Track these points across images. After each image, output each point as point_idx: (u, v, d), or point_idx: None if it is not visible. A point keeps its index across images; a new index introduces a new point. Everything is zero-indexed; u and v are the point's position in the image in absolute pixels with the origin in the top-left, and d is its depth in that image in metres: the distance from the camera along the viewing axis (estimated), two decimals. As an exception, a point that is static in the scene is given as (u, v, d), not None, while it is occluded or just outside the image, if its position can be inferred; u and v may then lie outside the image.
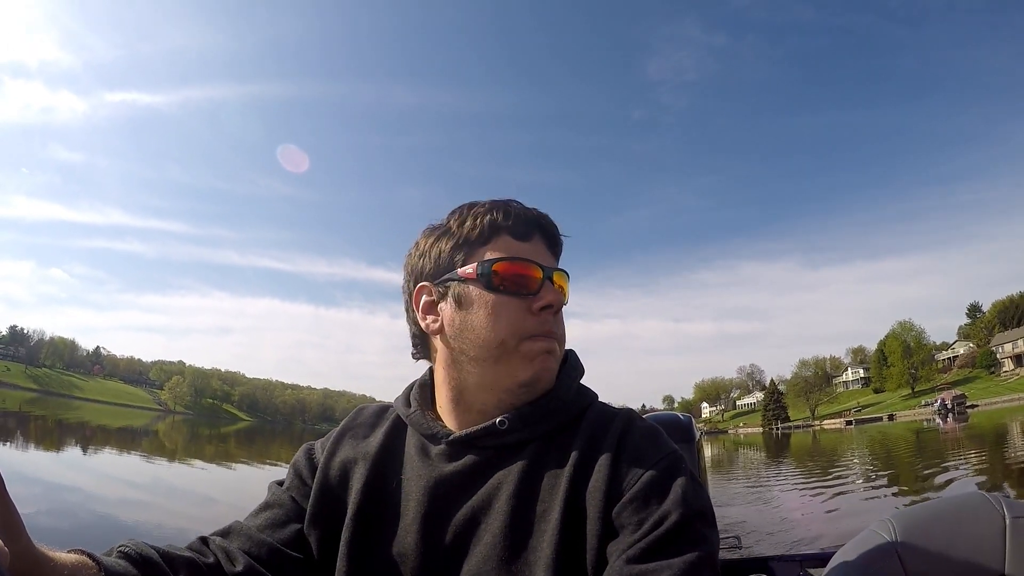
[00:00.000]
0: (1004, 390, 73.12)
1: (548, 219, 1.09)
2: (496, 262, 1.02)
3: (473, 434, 1.01)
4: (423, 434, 1.07)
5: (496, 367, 1.01)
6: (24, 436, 31.58)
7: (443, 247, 1.08)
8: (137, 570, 0.86)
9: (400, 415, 1.12)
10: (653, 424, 1.02)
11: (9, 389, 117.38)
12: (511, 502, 0.93)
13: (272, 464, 25.68)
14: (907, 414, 77.91)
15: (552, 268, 1.05)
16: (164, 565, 0.90)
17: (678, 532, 0.84)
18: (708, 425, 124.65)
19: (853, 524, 9.76)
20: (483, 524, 0.94)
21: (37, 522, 9.36)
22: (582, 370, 1.12)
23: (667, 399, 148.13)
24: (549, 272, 1.03)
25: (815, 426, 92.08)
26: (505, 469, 0.97)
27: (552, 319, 1.02)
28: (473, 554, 0.92)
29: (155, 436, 48.46)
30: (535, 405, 1.02)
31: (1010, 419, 41.64)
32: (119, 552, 0.88)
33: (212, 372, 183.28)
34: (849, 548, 1.05)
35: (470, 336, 1.02)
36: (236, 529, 1.05)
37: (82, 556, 0.82)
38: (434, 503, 0.98)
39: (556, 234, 1.10)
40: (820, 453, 34.19)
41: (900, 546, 0.98)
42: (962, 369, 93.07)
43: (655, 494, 0.88)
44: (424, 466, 1.03)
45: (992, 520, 0.96)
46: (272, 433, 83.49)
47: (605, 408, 1.06)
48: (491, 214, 1.06)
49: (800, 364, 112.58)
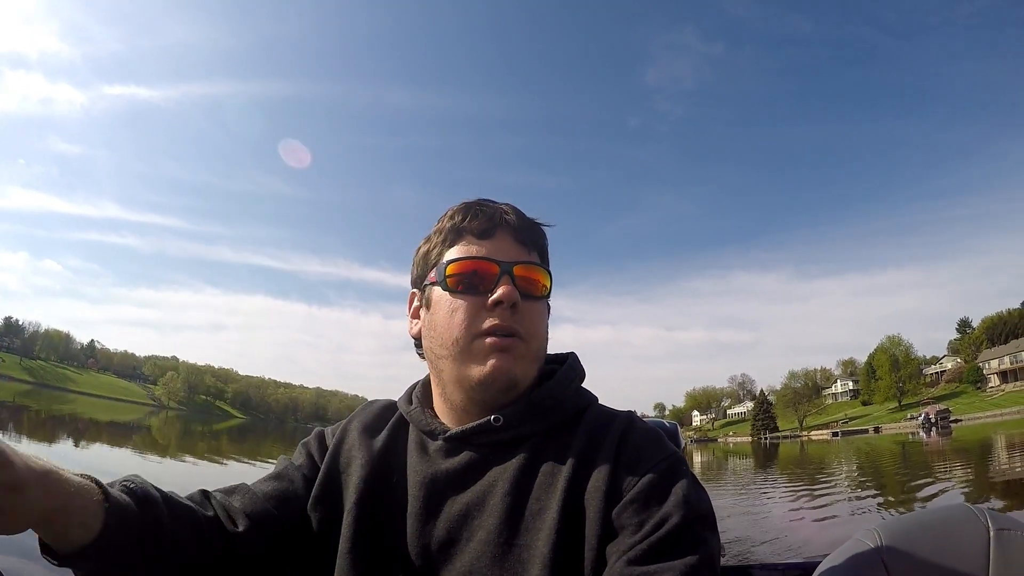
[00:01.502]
0: (988, 406, 73.93)
1: (513, 214, 1.09)
2: (450, 263, 1.04)
3: (469, 431, 1.01)
4: (422, 431, 1.08)
5: (457, 365, 1.02)
6: (16, 428, 31.66)
7: (422, 254, 1.12)
8: (138, 508, 0.84)
9: (402, 412, 1.14)
10: (654, 427, 1.03)
11: (4, 380, 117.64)
12: (506, 498, 0.93)
13: (263, 461, 25.60)
14: (892, 427, 78.73)
15: (512, 262, 1.04)
16: (164, 508, 0.89)
17: (679, 534, 0.83)
18: (698, 433, 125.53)
19: (838, 532, 10.11)
20: (477, 519, 0.94)
21: None
22: (582, 372, 1.13)
23: (658, 407, 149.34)
24: (507, 267, 1.03)
25: (802, 437, 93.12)
26: (501, 466, 0.98)
27: (509, 314, 1.01)
28: (467, 549, 0.92)
29: (148, 431, 48.77)
30: (530, 402, 1.02)
31: (991, 434, 42.61)
32: (122, 486, 0.86)
33: (206, 369, 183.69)
34: (835, 557, 1.06)
35: (435, 336, 1.05)
36: (242, 491, 1.05)
37: (88, 480, 0.81)
38: (430, 498, 0.98)
39: (523, 226, 1.09)
40: (806, 462, 35.00)
41: (886, 555, 0.98)
42: (949, 384, 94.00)
43: (656, 496, 0.87)
44: (422, 462, 1.04)
45: (976, 531, 0.97)
46: (264, 431, 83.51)
47: (605, 410, 1.06)
48: (454, 217, 1.08)
49: (790, 376, 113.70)
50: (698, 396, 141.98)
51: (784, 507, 14.95)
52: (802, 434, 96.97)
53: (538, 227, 1.12)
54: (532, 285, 1.05)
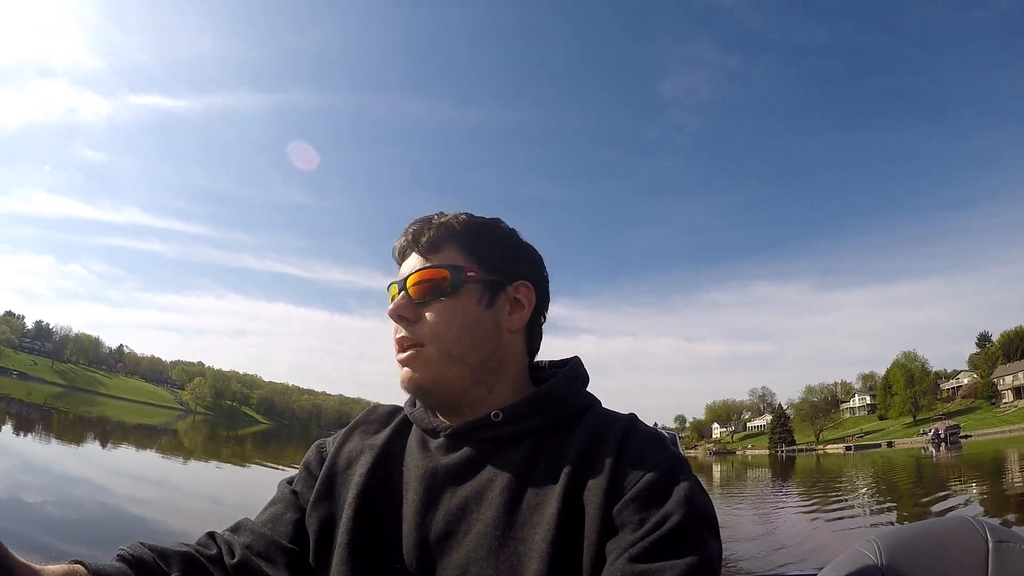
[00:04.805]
0: (1000, 422, 73.66)
1: (417, 228, 1.09)
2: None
3: (469, 427, 1.03)
4: (424, 429, 1.10)
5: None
6: (46, 429, 32.83)
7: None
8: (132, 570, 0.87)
9: (406, 413, 1.16)
10: (655, 429, 1.04)
11: (37, 383, 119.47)
12: (504, 493, 0.94)
13: (285, 467, 26.13)
14: (905, 442, 78.76)
15: (406, 277, 1.07)
16: (158, 563, 0.91)
17: (680, 534, 0.83)
18: (717, 446, 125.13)
19: (839, 542, 10.61)
20: (475, 513, 0.94)
21: (44, 512, 10.49)
22: (585, 376, 1.14)
23: (679, 418, 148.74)
24: (403, 283, 1.07)
25: (818, 450, 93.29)
26: (501, 461, 0.99)
27: (404, 327, 1.06)
28: (464, 542, 0.92)
29: (175, 435, 50.62)
30: (530, 398, 1.04)
31: (1000, 450, 43.22)
32: (116, 556, 0.90)
33: (231, 374, 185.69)
34: (834, 567, 1.05)
35: None
36: (243, 525, 1.09)
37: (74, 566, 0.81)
38: (430, 493, 0.99)
39: (424, 236, 1.08)
40: (818, 473, 36.54)
41: (885, 566, 0.97)
42: (965, 399, 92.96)
43: (657, 495, 0.88)
44: (423, 458, 1.05)
45: (975, 543, 0.97)
46: (288, 437, 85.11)
47: (607, 412, 1.07)
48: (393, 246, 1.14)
49: (807, 390, 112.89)
50: (718, 409, 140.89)
51: (788, 516, 15.61)
52: (818, 447, 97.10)
53: (442, 226, 1.09)
54: (428, 290, 1.06)
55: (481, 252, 1.10)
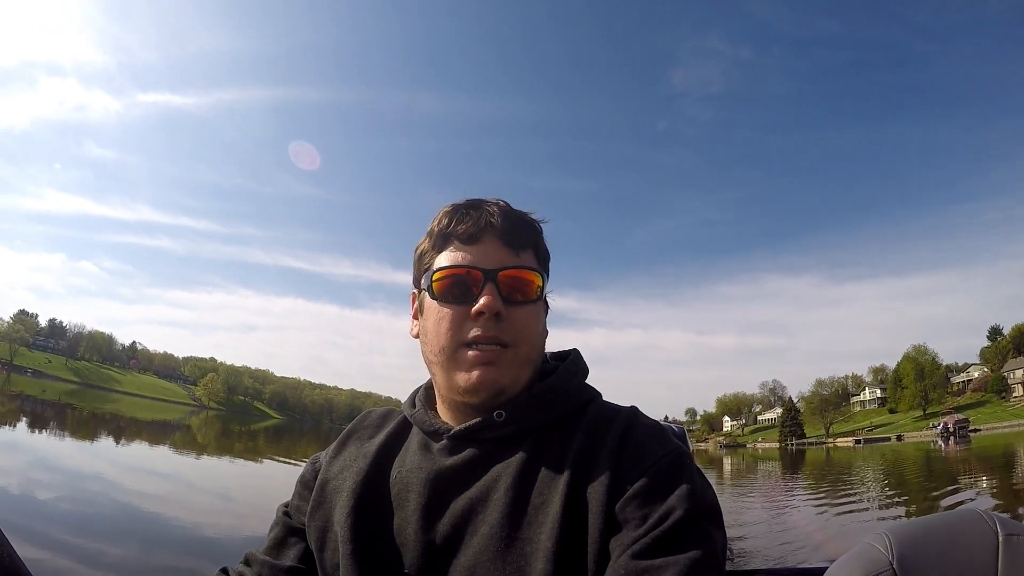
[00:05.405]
0: (1010, 415, 73.22)
1: (500, 214, 1.06)
2: (436, 271, 1.04)
3: (471, 428, 1.01)
4: (425, 431, 1.08)
5: (446, 373, 1.03)
6: (60, 426, 33.02)
7: (418, 254, 1.11)
8: None
9: (406, 415, 1.15)
10: (658, 422, 1.04)
11: (51, 380, 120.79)
12: (509, 493, 0.93)
13: (297, 461, 26.30)
14: (914, 435, 78.70)
15: (497, 268, 1.02)
16: None
17: (684, 529, 0.83)
18: (728, 439, 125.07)
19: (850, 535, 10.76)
20: (481, 515, 0.93)
21: (58, 508, 10.51)
22: (585, 368, 1.13)
23: (689, 411, 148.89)
24: (492, 274, 1.01)
25: (828, 443, 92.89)
26: (504, 461, 0.97)
27: (492, 324, 1.00)
28: (470, 544, 0.91)
29: (189, 430, 51.21)
30: (531, 396, 1.02)
31: (1010, 444, 43.29)
32: None
33: (243, 370, 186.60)
34: (844, 561, 1.05)
35: (426, 342, 1.06)
36: (250, 557, 1.12)
37: None
38: (433, 495, 0.98)
39: (511, 227, 1.05)
40: (827, 466, 36.59)
41: (896, 560, 0.97)
42: (975, 393, 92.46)
43: (660, 490, 0.87)
44: (425, 460, 1.03)
45: (985, 536, 0.97)
46: (300, 432, 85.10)
47: (609, 405, 1.06)
48: (442, 221, 1.07)
49: (817, 383, 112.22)
50: (729, 402, 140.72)
51: (797, 509, 15.76)
52: (827, 441, 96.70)
53: (529, 224, 1.09)
54: (520, 290, 1.04)
55: (542, 256, 1.12)
